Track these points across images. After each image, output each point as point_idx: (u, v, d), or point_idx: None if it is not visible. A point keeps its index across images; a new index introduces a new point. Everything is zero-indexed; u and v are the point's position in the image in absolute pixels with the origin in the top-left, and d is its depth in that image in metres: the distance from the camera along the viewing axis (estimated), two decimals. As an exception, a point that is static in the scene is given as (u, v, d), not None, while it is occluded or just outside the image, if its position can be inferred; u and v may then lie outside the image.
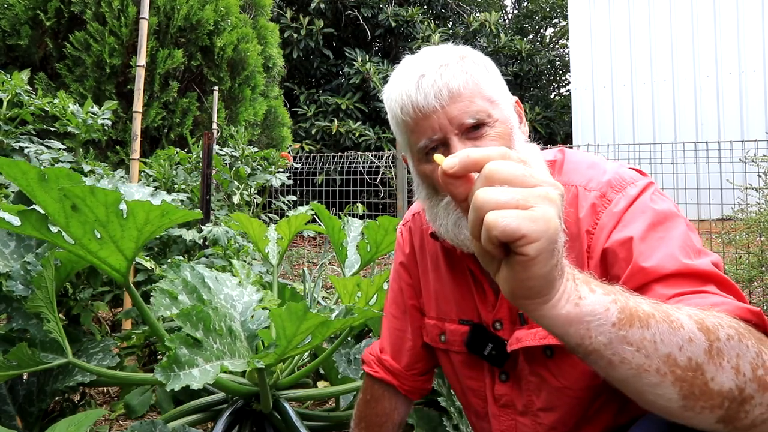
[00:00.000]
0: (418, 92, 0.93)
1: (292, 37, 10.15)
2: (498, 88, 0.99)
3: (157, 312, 1.42)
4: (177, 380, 1.10)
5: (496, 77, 1.00)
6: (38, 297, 1.34)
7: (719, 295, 0.76)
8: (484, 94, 0.94)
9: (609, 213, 0.91)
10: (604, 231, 0.90)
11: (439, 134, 0.93)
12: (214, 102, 4.10)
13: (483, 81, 0.96)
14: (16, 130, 2.28)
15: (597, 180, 0.96)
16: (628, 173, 0.97)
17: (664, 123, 8.12)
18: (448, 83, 0.92)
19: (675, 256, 0.82)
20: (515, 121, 1.00)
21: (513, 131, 0.97)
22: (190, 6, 4.78)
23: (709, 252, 0.87)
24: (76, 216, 1.14)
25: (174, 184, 3.08)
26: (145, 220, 1.19)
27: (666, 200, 0.92)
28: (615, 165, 1.00)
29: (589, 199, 0.94)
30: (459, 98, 0.92)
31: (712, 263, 0.82)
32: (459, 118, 0.92)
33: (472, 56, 0.99)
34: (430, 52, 0.99)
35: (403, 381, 1.26)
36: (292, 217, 2.15)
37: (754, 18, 7.61)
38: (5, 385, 1.51)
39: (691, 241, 0.86)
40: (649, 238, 0.85)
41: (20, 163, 1.06)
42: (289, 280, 4.23)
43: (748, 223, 3.04)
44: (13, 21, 4.48)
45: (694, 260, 0.82)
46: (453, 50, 0.99)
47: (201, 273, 1.65)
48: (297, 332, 1.16)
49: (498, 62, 11.06)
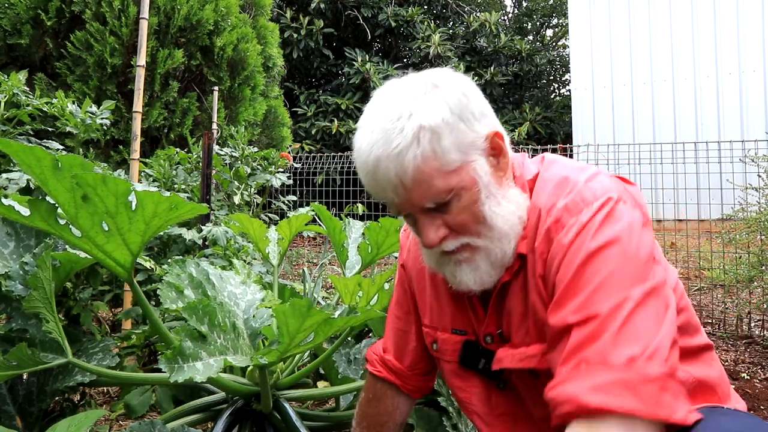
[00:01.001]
0: (375, 180, 0.93)
1: (292, 37, 10.15)
2: (466, 143, 0.92)
3: (164, 304, 1.42)
4: (181, 372, 1.10)
5: (466, 122, 0.93)
6: (35, 297, 1.34)
7: (611, 365, 0.77)
8: (445, 169, 0.91)
9: (559, 244, 0.90)
10: (554, 264, 0.90)
11: (405, 211, 0.96)
12: (214, 102, 4.10)
13: (444, 151, 0.90)
14: (14, 130, 2.28)
15: (558, 203, 0.94)
16: (591, 191, 0.92)
17: (664, 123, 8.12)
18: (401, 178, 0.90)
19: (572, 312, 0.83)
20: (486, 172, 0.95)
21: (481, 194, 0.94)
22: (190, 6, 4.78)
23: (644, 283, 0.83)
24: (86, 207, 1.15)
25: (174, 184, 3.08)
26: (154, 213, 1.20)
27: (618, 221, 0.88)
28: (585, 179, 0.95)
29: (546, 224, 0.93)
30: (417, 186, 0.91)
31: (642, 299, 0.81)
32: (419, 203, 0.93)
33: (436, 113, 0.91)
34: (387, 114, 0.92)
35: (405, 380, 1.27)
36: (292, 217, 2.15)
37: (754, 18, 7.61)
38: (5, 385, 1.50)
39: (616, 278, 0.83)
40: (567, 289, 0.86)
41: (36, 149, 1.06)
42: (289, 280, 4.23)
43: (748, 222, 3.03)
44: (15, 20, 4.48)
45: (603, 308, 0.81)
46: (414, 116, 0.90)
47: (206, 270, 1.66)
48: (300, 329, 1.16)
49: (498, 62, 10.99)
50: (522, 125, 10.06)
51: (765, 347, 3.03)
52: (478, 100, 0.97)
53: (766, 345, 3.06)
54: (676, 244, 4.59)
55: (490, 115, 0.99)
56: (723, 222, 3.78)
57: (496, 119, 1.01)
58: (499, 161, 0.98)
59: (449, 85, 0.95)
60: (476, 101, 0.96)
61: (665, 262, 1.02)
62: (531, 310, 0.96)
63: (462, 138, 0.92)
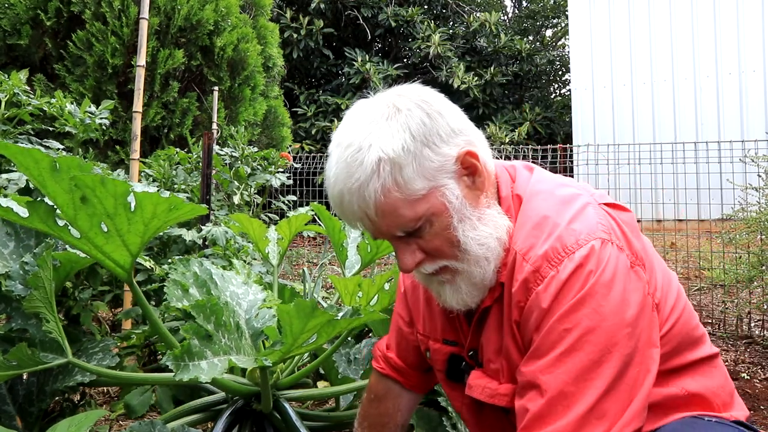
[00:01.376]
0: (344, 215, 0.94)
1: (292, 37, 10.14)
2: (428, 171, 0.89)
3: (170, 302, 1.42)
4: (186, 371, 1.10)
5: (425, 155, 0.89)
6: (36, 297, 1.34)
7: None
8: (410, 199, 0.88)
9: (537, 300, 0.87)
10: (531, 319, 0.89)
11: (380, 237, 0.95)
12: (214, 102, 4.10)
13: (405, 185, 0.87)
14: (14, 129, 2.28)
15: (536, 249, 0.90)
16: (574, 235, 0.88)
17: (664, 123, 8.12)
18: (366, 211, 0.89)
19: (544, 369, 0.85)
20: (457, 196, 0.91)
21: (453, 216, 0.91)
22: (190, 6, 4.78)
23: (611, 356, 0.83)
24: (85, 208, 1.14)
25: (174, 184, 3.08)
26: (153, 214, 1.19)
27: (601, 275, 0.85)
28: (568, 219, 0.90)
29: (524, 272, 0.90)
30: (382, 217, 0.90)
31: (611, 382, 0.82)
32: (389, 232, 0.93)
33: (392, 146, 0.87)
34: (345, 153, 0.90)
35: (407, 377, 1.28)
36: (292, 217, 2.14)
37: (754, 18, 7.61)
38: (5, 385, 1.50)
39: (594, 345, 0.83)
40: (543, 346, 0.86)
41: (33, 151, 1.06)
42: (289, 280, 4.23)
43: (748, 222, 3.03)
44: (14, 20, 4.47)
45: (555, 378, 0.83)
46: (369, 152, 0.87)
47: (209, 269, 1.66)
48: (304, 330, 1.16)
49: (498, 62, 11.01)
50: (522, 125, 10.05)
51: (765, 347, 3.03)
52: (448, 118, 0.92)
53: (766, 345, 3.06)
54: (676, 244, 4.59)
55: (465, 130, 0.95)
56: (723, 222, 3.78)
57: (473, 133, 0.96)
58: (474, 180, 0.94)
59: (412, 107, 0.91)
60: (445, 120, 0.91)
61: (663, 266, 1.01)
62: (504, 351, 0.96)
63: (427, 164, 0.89)
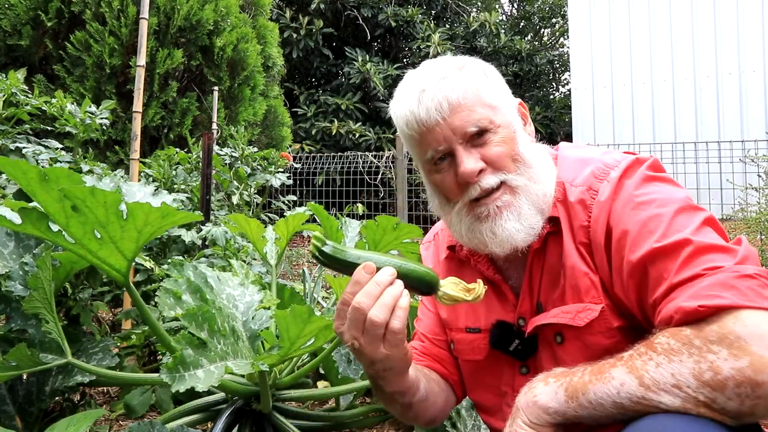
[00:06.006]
0: (419, 107, 0.97)
1: (291, 37, 10.14)
2: (499, 93, 1.02)
3: (162, 311, 1.42)
4: (182, 381, 1.10)
5: (496, 82, 1.03)
6: (35, 297, 1.34)
7: (705, 272, 0.80)
8: (485, 102, 0.98)
9: (598, 205, 0.95)
10: (599, 223, 0.94)
11: (444, 145, 0.98)
12: (213, 102, 4.10)
13: (483, 88, 0.99)
14: (12, 129, 2.27)
15: (582, 174, 1.00)
16: (611, 158, 0.99)
17: (663, 123, 8.12)
18: (447, 96, 0.96)
19: (662, 238, 0.86)
20: (518, 123, 1.03)
21: (516, 134, 1.01)
22: (190, 6, 4.78)
23: (697, 212, 0.89)
24: (76, 216, 1.14)
25: (174, 184, 3.08)
26: (145, 222, 1.19)
27: (647, 169, 0.95)
28: (601, 153, 1.03)
29: (576, 195, 0.98)
30: (459, 109, 0.96)
31: (703, 224, 0.86)
32: (461, 128, 0.97)
33: (472, 65, 1.02)
34: (430, 65, 1.03)
35: (446, 366, 1.21)
36: (289, 217, 2.14)
37: (754, 18, 7.61)
38: (5, 385, 1.50)
39: (677, 213, 0.88)
40: (638, 231, 0.89)
41: (21, 163, 1.06)
42: (289, 280, 4.23)
43: (748, 222, 3.03)
44: (15, 21, 4.48)
45: (678, 235, 0.85)
46: (452, 61, 1.02)
47: (204, 273, 1.65)
48: (301, 335, 1.17)
49: (498, 62, 10.99)
50: (522, 125, 10.05)
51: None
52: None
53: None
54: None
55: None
56: (723, 222, 3.78)
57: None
58: (526, 127, 1.06)
59: (475, 63, 1.05)
60: (502, 80, 1.07)
61: None
62: (569, 275, 0.98)
63: (501, 87, 1.04)
